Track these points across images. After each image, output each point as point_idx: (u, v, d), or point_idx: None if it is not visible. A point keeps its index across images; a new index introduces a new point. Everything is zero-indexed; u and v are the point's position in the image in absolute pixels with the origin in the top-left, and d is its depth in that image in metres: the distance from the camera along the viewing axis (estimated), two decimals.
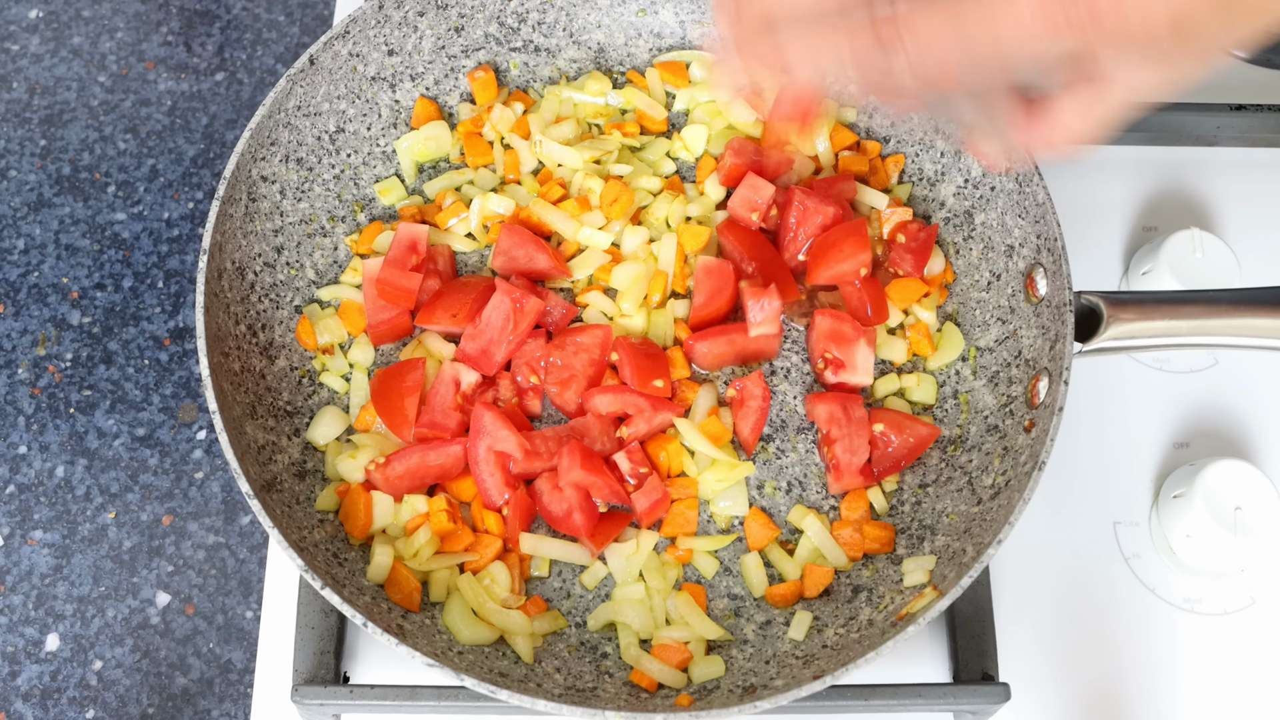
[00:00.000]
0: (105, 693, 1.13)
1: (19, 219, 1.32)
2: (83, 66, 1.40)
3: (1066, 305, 0.99)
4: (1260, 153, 1.27)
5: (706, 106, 1.20)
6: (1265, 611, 1.09)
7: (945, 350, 1.10)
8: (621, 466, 1.03)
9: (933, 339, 1.11)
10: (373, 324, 1.09)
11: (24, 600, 1.16)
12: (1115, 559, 1.11)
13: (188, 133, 1.37)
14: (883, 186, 1.17)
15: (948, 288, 1.14)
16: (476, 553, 1.01)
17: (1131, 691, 1.06)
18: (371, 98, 1.15)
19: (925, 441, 1.05)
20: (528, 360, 1.07)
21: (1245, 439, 1.16)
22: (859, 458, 1.04)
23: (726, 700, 0.93)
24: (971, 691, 0.98)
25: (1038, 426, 0.98)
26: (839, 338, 1.07)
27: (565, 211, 1.13)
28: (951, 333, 1.11)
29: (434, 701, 0.95)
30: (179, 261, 1.31)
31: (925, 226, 1.13)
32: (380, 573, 0.99)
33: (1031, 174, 1.04)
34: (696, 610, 1.00)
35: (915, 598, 0.96)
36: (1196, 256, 1.15)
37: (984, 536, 0.94)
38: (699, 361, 1.09)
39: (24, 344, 1.26)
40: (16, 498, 1.20)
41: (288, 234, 1.10)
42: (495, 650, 0.97)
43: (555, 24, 1.21)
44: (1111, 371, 1.18)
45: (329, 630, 1.01)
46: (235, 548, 1.19)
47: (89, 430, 1.23)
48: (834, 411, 1.05)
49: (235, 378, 1.01)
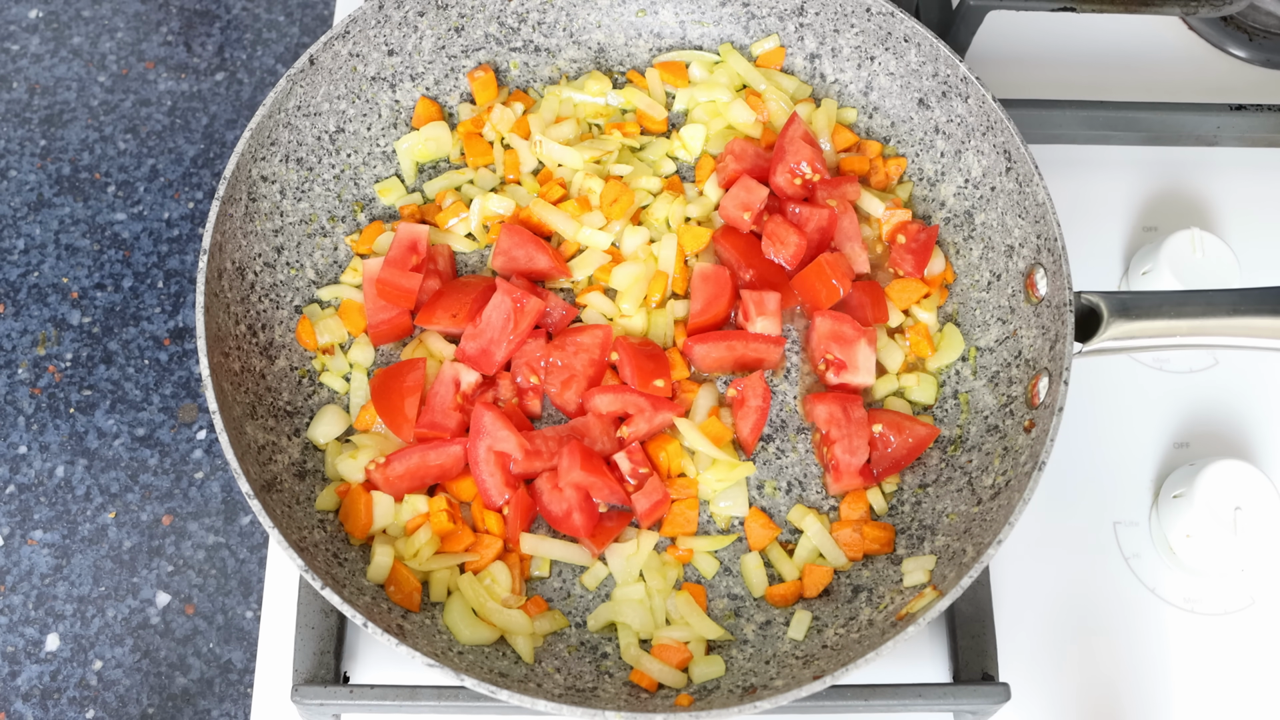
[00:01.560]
0: (105, 693, 1.13)
1: (19, 219, 1.32)
2: (83, 66, 1.40)
3: (1066, 305, 0.99)
4: (1260, 153, 1.27)
5: (706, 106, 1.20)
6: (1265, 611, 1.09)
7: (945, 351, 1.10)
8: (622, 467, 1.03)
9: (932, 340, 1.11)
10: (373, 324, 1.09)
11: (24, 600, 1.16)
12: (1115, 559, 1.11)
13: (188, 133, 1.37)
14: (883, 186, 1.17)
15: (948, 288, 1.14)
16: (477, 553, 1.01)
17: (1131, 691, 1.06)
18: (371, 98, 1.15)
19: (925, 442, 1.05)
20: (528, 360, 1.07)
21: (1245, 439, 1.16)
22: (858, 458, 1.04)
23: (726, 700, 0.93)
24: (971, 691, 0.98)
25: (1038, 427, 0.98)
26: (839, 338, 1.07)
27: (565, 212, 1.13)
28: (951, 334, 1.11)
29: (434, 701, 0.95)
30: (179, 261, 1.31)
31: (926, 227, 1.13)
32: (380, 573, 0.99)
33: (1031, 174, 1.04)
34: (696, 610, 1.00)
35: (915, 598, 0.96)
36: (1196, 256, 1.15)
37: (984, 536, 0.94)
38: (698, 364, 1.09)
39: (24, 344, 1.26)
40: (16, 498, 1.20)
41: (288, 234, 1.10)
42: (495, 650, 0.97)
43: (555, 24, 1.21)
44: (1111, 371, 1.18)
45: (329, 630, 1.01)
46: (235, 548, 1.19)
47: (89, 430, 1.23)
48: (833, 412, 1.05)
49: (235, 378, 1.01)
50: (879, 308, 1.10)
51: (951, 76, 1.11)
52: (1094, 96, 1.25)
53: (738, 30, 1.22)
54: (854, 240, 1.13)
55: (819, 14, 1.18)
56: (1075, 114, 1.23)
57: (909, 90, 1.16)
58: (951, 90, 1.12)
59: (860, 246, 1.12)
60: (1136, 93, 1.29)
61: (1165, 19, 1.38)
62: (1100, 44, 1.35)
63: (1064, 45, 1.35)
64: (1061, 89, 1.28)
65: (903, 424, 1.05)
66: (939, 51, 1.11)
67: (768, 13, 1.20)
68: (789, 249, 1.11)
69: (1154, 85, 1.32)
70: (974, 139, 1.11)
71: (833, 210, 1.11)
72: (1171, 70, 1.34)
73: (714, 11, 1.21)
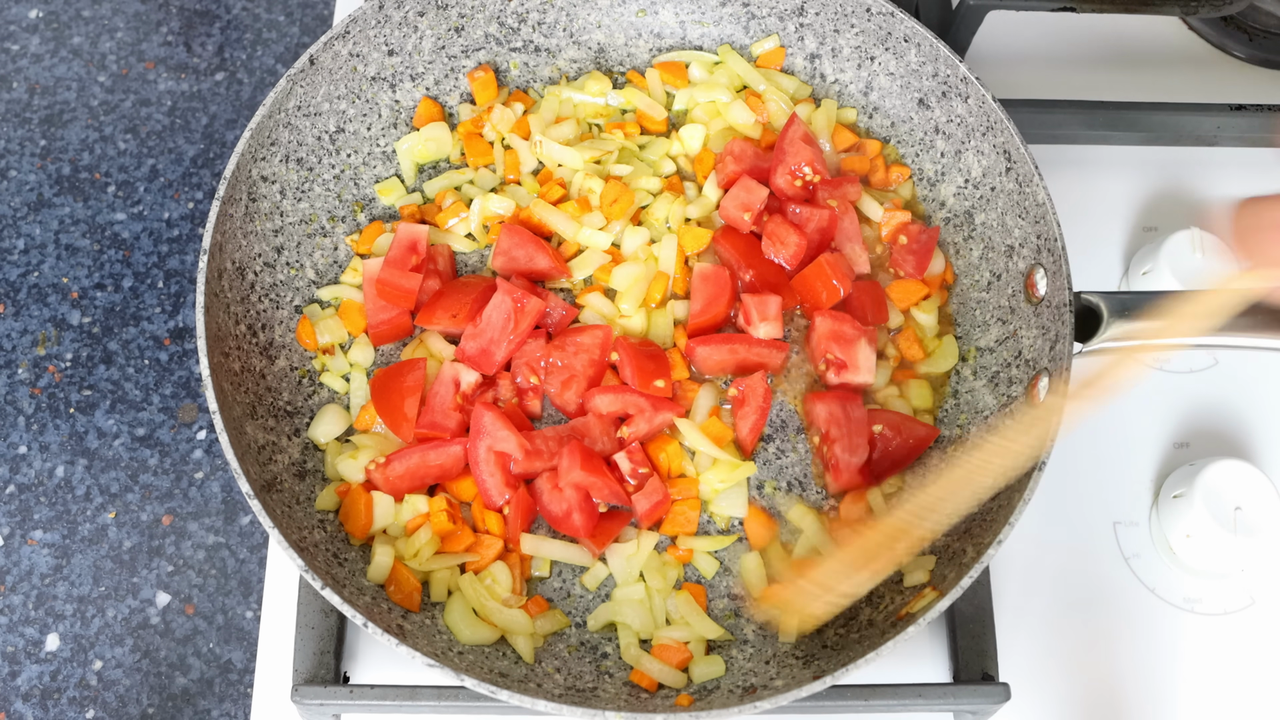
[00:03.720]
0: (105, 693, 1.13)
1: (19, 219, 1.32)
2: (83, 66, 1.40)
3: (1066, 305, 0.99)
4: (1260, 153, 1.27)
5: (706, 106, 1.20)
6: (1265, 611, 1.09)
7: (938, 359, 1.10)
8: (622, 466, 1.03)
9: (925, 344, 1.11)
10: (373, 324, 1.09)
11: (24, 600, 1.16)
12: (1115, 559, 1.11)
13: (188, 133, 1.37)
14: (884, 186, 1.17)
15: (948, 288, 1.14)
16: (477, 553, 1.01)
17: (1131, 691, 1.06)
18: (371, 98, 1.15)
19: (924, 442, 1.05)
20: (527, 360, 1.07)
21: (1245, 439, 1.16)
22: (858, 457, 1.04)
23: (726, 700, 0.93)
24: (971, 691, 0.98)
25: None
26: (840, 338, 1.07)
27: (565, 212, 1.13)
28: (948, 344, 1.11)
29: (434, 701, 0.95)
30: (179, 261, 1.31)
31: (927, 229, 1.13)
32: (381, 573, 0.99)
33: (1031, 174, 1.04)
34: (696, 610, 1.00)
35: (915, 598, 0.96)
36: (1196, 256, 1.15)
37: (984, 536, 0.94)
38: (700, 367, 1.09)
39: (24, 344, 1.26)
40: (16, 498, 1.20)
41: (288, 234, 1.10)
42: (495, 650, 0.97)
43: (555, 24, 1.21)
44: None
45: (329, 630, 1.01)
46: (235, 548, 1.19)
47: (89, 430, 1.23)
48: (833, 411, 1.05)
49: (235, 378, 1.01)
50: (879, 308, 1.10)
51: (951, 76, 1.11)
52: (1094, 96, 1.25)
53: (738, 30, 1.22)
54: (855, 241, 1.13)
55: (819, 14, 1.18)
56: (1075, 114, 1.23)
57: (909, 90, 1.16)
58: (951, 90, 1.12)
59: (861, 247, 1.12)
60: (1136, 93, 1.29)
61: (1165, 19, 1.38)
62: (1100, 44, 1.35)
63: (1064, 45, 1.35)
64: (1061, 89, 1.28)
65: (903, 424, 1.05)
66: (939, 51, 1.11)
67: (768, 13, 1.20)
68: (789, 249, 1.11)
69: (1154, 85, 1.32)
70: (974, 139, 1.11)
71: (833, 210, 1.11)
72: (1171, 70, 1.34)
73: (714, 11, 1.21)
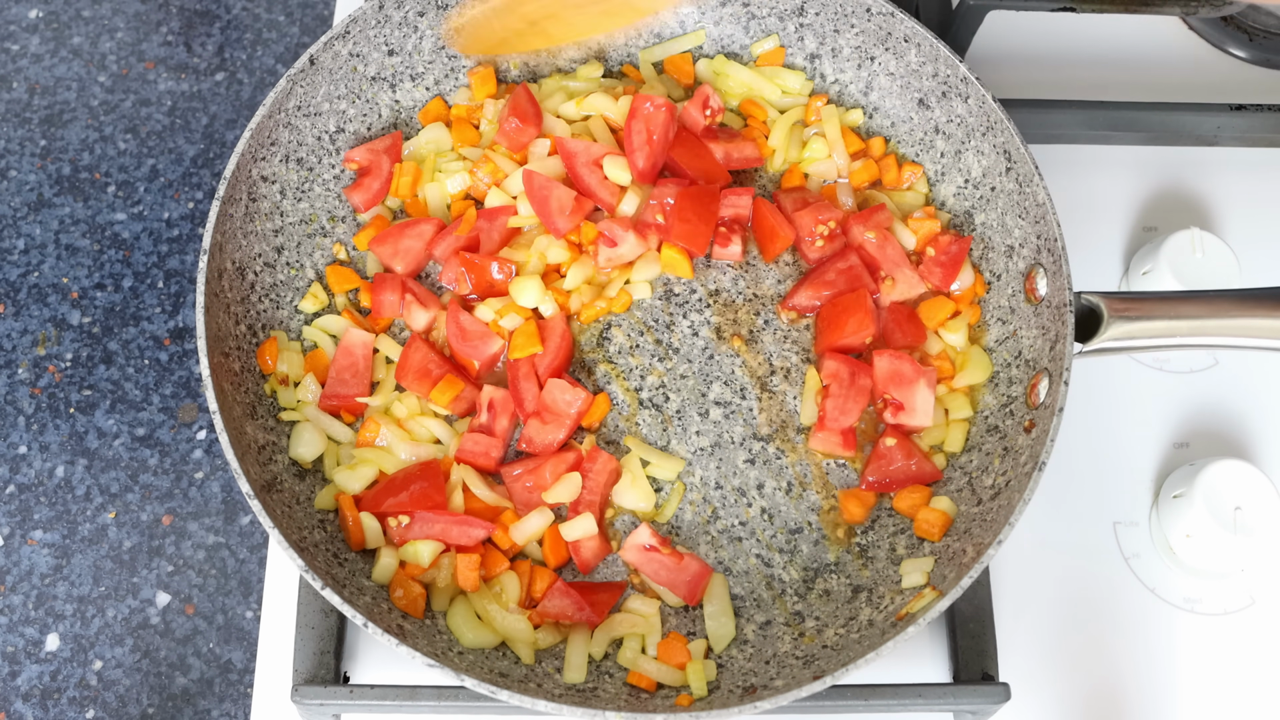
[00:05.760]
0: (105, 693, 1.13)
1: (19, 219, 1.32)
2: (83, 66, 1.40)
3: (1066, 305, 0.99)
4: (1260, 153, 1.27)
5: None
6: (1265, 611, 1.09)
7: (970, 371, 1.08)
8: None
9: (955, 361, 1.08)
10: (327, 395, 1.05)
11: (24, 600, 1.16)
12: (1115, 559, 1.11)
13: (188, 133, 1.37)
14: (897, 186, 1.16)
15: (979, 303, 1.11)
16: (485, 568, 1.00)
17: (1131, 691, 1.06)
18: (371, 98, 1.15)
19: (925, 478, 1.04)
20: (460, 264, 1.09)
21: (1245, 439, 1.16)
22: (846, 419, 1.04)
23: (726, 700, 0.93)
24: (971, 691, 0.98)
25: (1038, 427, 0.98)
26: (899, 379, 1.05)
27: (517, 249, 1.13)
28: (977, 355, 1.08)
29: (434, 701, 0.95)
30: (179, 261, 1.31)
31: (958, 238, 1.11)
32: (385, 573, 0.98)
33: (1031, 174, 1.04)
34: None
35: (915, 598, 0.96)
36: (1196, 256, 1.15)
37: (984, 537, 0.94)
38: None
39: (24, 344, 1.26)
40: (16, 498, 1.20)
41: (288, 234, 1.10)
42: (496, 650, 0.97)
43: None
44: (1111, 371, 1.18)
45: (329, 630, 1.01)
46: (235, 548, 1.19)
47: (89, 430, 1.23)
48: (840, 371, 1.05)
49: (235, 378, 1.01)
50: (916, 327, 1.09)
51: (951, 76, 1.11)
52: (1094, 96, 1.25)
53: (738, 30, 1.22)
54: (903, 265, 1.10)
55: (819, 14, 1.18)
56: (1075, 114, 1.23)
57: (909, 90, 1.16)
58: (951, 90, 1.12)
59: (911, 269, 1.10)
60: (1136, 93, 1.29)
61: (1165, 19, 1.38)
62: (1100, 44, 1.35)
63: (1064, 45, 1.35)
64: (1061, 89, 1.28)
65: (914, 451, 1.05)
66: (939, 51, 1.11)
67: (768, 13, 1.20)
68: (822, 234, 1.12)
69: (1154, 85, 1.32)
70: (974, 139, 1.11)
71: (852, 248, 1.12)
72: (1171, 70, 1.34)
73: (714, 12, 1.21)
